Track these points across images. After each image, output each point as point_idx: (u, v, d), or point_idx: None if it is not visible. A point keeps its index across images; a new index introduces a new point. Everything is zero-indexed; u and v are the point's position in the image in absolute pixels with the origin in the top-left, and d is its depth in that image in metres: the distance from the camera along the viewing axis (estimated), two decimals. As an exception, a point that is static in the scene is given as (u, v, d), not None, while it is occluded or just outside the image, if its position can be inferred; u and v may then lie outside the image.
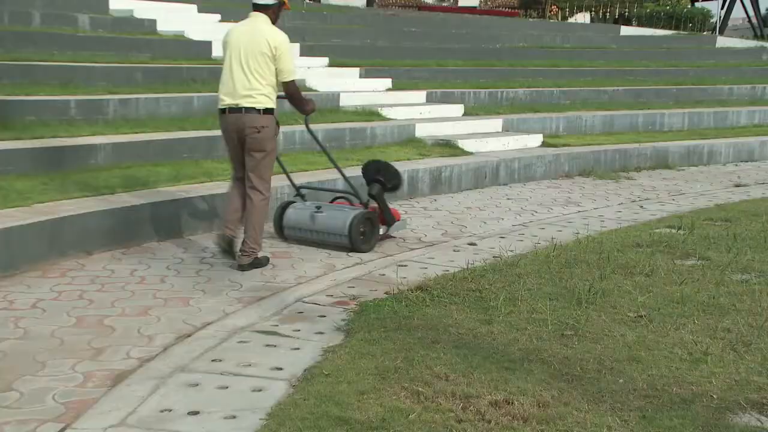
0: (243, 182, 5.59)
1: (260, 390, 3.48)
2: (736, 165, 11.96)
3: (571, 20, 25.76)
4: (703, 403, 3.32)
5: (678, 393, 3.42)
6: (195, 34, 11.47)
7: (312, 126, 6.21)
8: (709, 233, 6.56)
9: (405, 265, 5.66)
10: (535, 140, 10.87)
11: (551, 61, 15.73)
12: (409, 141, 9.78)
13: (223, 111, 5.47)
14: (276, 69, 5.38)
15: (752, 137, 12.93)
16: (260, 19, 5.44)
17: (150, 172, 7.04)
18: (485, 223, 7.36)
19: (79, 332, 4.27)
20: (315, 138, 6.37)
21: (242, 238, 5.59)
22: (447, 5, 21.99)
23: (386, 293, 4.88)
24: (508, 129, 11.19)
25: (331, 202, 6.63)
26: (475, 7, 22.61)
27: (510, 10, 23.88)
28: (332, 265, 5.77)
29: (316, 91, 10.65)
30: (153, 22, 11.45)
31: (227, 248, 5.62)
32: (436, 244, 6.45)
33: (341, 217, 6.13)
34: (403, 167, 7.34)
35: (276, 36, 5.37)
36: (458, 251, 6.14)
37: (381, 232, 6.38)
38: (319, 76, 11.22)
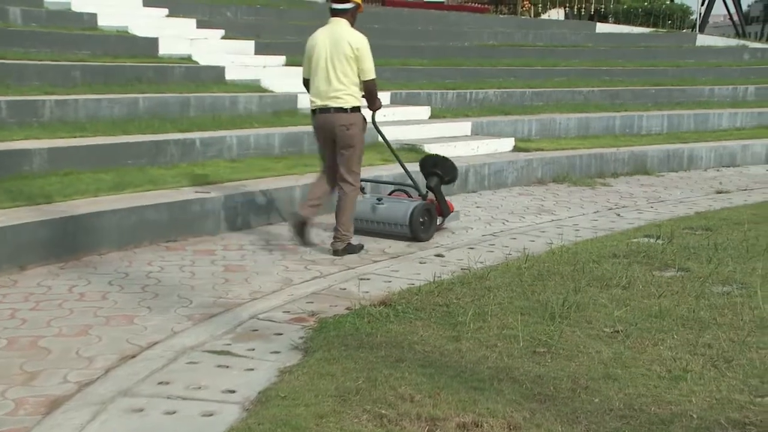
0: (332, 174, 6.40)
1: (211, 414, 3.46)
2: (718, 170, 12.18)
3: (544, 17, 26.06)
4: (683, 423, 3.37)
5: (656, 413, 3.47)
6: (140, 29, 11.39)
7: (266, 130, 6.33)
8: (689, 243, 6.67)
9: (367, 279, 5.67)
10: (506, 144, 10.98)
11: (523, 60, 15.90)
12: (371, 146, 9.76)
13: (314, 112, 6.34)
14: (358, 69, 6.19)
15: (734, 141, 13.16)
16: (340, 23, 6.26)
17: (90, 180, 6.97)
18: (453, 233, 7.41)
19: (10, 355, 4.21)
20: (380, 133, 7.09)
21: (312, 224, 6.41)
22: (413, 0, 22.08)
23: (347, 309, 4.89)
24: (477, 132, 11.29)
25: (389, 194, 7.45)
26: (442, 3, 22.74)
27: (480, 5, 24.06)
28: (289, 279, 5.76)
29: (272, 92, 10.64)
30: (93, 16, 11.36)
31: (299, 229, 6.35)
32: (400, 256, 6.48)
33: (402, 208, 6.95)
34: (364, 174, 7.40)
35: (357, 38, 6.18)
36: (424, 263, 6.17)
37: (438, 222, 7.21)
38: (276, 76, 11.19)
